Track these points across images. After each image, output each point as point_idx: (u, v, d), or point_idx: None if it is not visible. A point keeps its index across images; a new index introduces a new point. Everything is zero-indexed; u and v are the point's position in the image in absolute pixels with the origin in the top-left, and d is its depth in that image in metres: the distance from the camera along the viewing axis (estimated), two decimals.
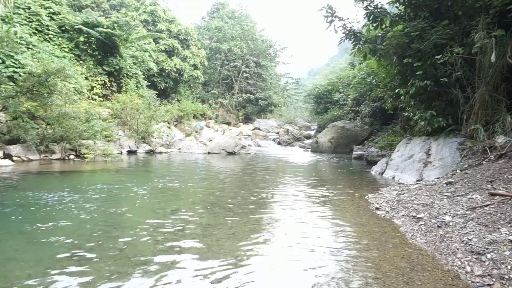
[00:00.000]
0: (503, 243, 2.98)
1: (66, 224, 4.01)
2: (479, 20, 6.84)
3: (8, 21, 12.40)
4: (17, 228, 3.82)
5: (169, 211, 4.72)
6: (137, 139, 14.06)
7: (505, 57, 6.29)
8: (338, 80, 22.08)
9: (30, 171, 8.04)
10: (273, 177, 8.48)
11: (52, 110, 10.39)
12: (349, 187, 6.90)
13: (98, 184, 6.57)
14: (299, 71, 69.82)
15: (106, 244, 3.36)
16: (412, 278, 2.68)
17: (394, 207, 4.91)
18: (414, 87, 7.67)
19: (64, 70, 9.95)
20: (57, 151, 10.36)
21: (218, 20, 34.13)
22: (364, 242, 3.57)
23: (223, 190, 6.49)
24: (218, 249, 3.32)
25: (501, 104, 6.70)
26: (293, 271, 2.89)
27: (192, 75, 26.80)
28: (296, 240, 3.70)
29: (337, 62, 64.77)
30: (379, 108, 15.25)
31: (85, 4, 24.86)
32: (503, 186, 4.35)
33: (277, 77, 39.04)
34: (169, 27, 25.72)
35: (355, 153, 13.30)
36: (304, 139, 22.85)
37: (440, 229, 3.69)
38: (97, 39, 15.89)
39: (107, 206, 4.90)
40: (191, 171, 9.51)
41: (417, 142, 8.37)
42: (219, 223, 4.22)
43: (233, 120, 31.00)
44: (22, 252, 3.13)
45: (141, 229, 3.88)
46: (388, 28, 8.71)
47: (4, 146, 9.52)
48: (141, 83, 19.25)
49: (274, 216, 4.69)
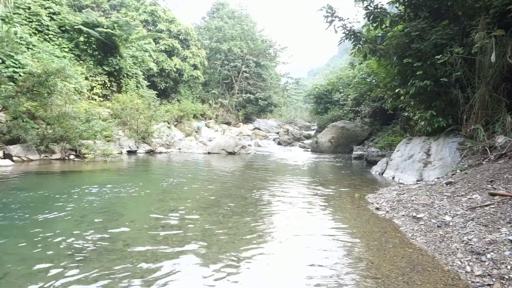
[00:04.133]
0: (503, 243, 2.98)
1: (65, 224, 4.01)
2: (479, 20, 6.83)
3: (8, 21, 12.41)
4: (17, 227, 3.82)
5: (169, 211, 4.71)
6: (137, 139, 14.06)
7: (505, 57, 6.29)
8: (338, 80, 22.09)
9: (30, 171, 8.04)
10: (273, 177, 8.47)
11: (52, 110, 10.39)
12: (349, 187, 6.90)
13: (98, 184, 6.57)
14: (299, 71, 69.86)
15: (105, 244, 3.36)
16: (412, 278, 2.68)
17: (394, 207, 4.91)
18: (414, 87, 7.67)
19: (64, 70, 9.95)
20: (57, 151, 10.37)
21: (218, 20, 34.12)
22: (364, 242, 3.57)
23: (223, 190, 6.48)
24: (218, 249, 3.32)
25: (501, 104, 6.69)
26: (293, 271, 2.89)
27: (192, 75, 26.80)
28: (296, 240, 3.70)
29: (337, 62, 64.78)
30: (379, 108, 15.25)
31: (85, 4, 24.84)
32: (503, 186, 4.34)
33: (277, 77, 39.04)
34: (169, 27, 25.72)
35: (355, 153, 13.30)
36: (304, 139, 22.83)
37: (440, 229, 3.69)
38: (97, 39, 15.90)
39: (106, 206, 4.90)
40: (191, 171, 9.51)
41: (417, 142, 8.37)
42: (219, 223, 4.22)
43: (233, 120, 30.99)
44: (22, 251, 3.13)
45: (141, 229, 3.88)
46: (388, 28, 8.71)
47: (4, 146, 9.52)
48: (141, 83, 19.26)
49: (274, 216, 4.69)
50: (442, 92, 7.72)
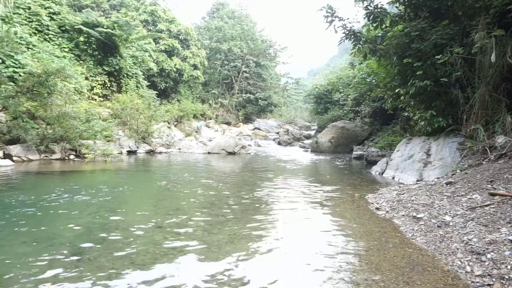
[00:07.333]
0: (503, 243, 2.98)
1: (65, 224, 4.01)
2: (479, 20, 6.83)
3: (8, 21, 12.41)
4: (17, 227, 3.82)
5: (168, 211, 4.71)
6: (137, 139, 14.05)
7: (505, 57, 6.29)
8: (338, 80, 22.06)
9: (30, 171, 8.04)
10: (273, 177, 8.47)
11: (52, 110, 10.39)
12: (349, 187, 6.90)
13: (98, 184, 6.57)
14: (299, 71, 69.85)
15: (104, 244, 3.36)
16: (412, 278, 2.68)
17: (394, 207, 4.91)
18: (414, 87, 7.67)
19: (64, 70, 9.95)
20: (57, 151, 10.36)
21: (218, 20, 34.10)
22: (364, 242, 3.57)
23: (223, 190, 6.48)
24: (218, 249, 3.32)
25: (501, 104, 6.69)
26: (293, 271, 2.89)
27: (192, 75, 26.79)
28: (296, 240, 3.70)
29: (337, 62, 64.77)
30: (379, 108, 15.24)
31: (85, 4, 24.84)
32: (503, 186, 4.34)
33: (277, 77, 39.01)
34: (169, 27, 25.72)
35: (355, 153, 13.30)
36: (304, 139, 22.81)
37: (440, 229, 3.69)
38: (97, 39, 15.89)
39: (106, 206, 4.90)
40: (191, 171, 9.51)
41: (417, 142, 8.37)
42: (219, 223, 4.22)
43: (233, 120, 30.98)
44: (21, 251, 3.13)
45: (141, 229, 3.88)
46: (388, 28, 8.71)
47: (4, 146, 9.52)
48: (141, 83, 19.25)
49: (274, 216, 4.69)
50: (442, 92, 7.72)
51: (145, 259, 3.01)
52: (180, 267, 2.89)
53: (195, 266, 2.92)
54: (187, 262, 3.00)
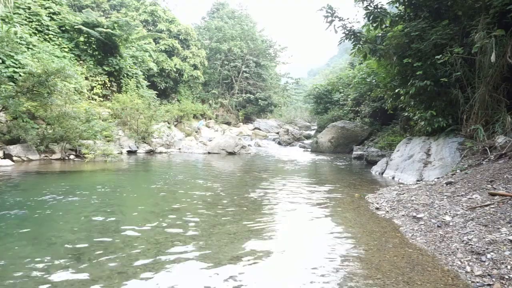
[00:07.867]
0: (503, 243, 2.98)
1: (65, 224, 4.01)
2: (479, 20, 6.83)
3: (8, 21, 12.40)
4: (16, 227, 3.82)
5: (168, 211, 4.71)
6: (137, 139, 14.06)
7: (505, 57, 6.29)
8: (338, 80, 22.06)
9: (30, 171, 8.04)
10: (273, 177, 8.47)
11: (52, 110, 10.39)
12: (349, 187, 6.90)
13: (98, 184, 6.57)
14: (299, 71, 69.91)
15: (104, 244, 3.36)
16: (412, 278, 2.68)
17: (394, 207, 4.91)
18: (414, 87, 7.67)
19: (64, 70, 9.94)
20: (57, 151, 10.36)
21: (218, 20, 34.12)
22: (364, 242, 3.57)
23: (223, 190, 6.48)
24: (218, 249, 3.32)
25: (501, 104, 6.69)
26: (293, 271, 2.89)
27: (192, 75, 26.80)
28: (296, 240, 3.70)
29: (337, 62, 64.81)
30: (379, 108, 15.24)
31: (85, 4, 24.85)
32: (503, 186, 4.34)
33: (277, 77, 39.03)
34: (169, 27, 25.72)
35: (355, 153, 13.30)
36: (304, 139, 22.82)
37: (440, 229, 3.69)
38: (97, 39, 15.89)
39: (106, 207, 4.90)
40: (191, 171, 9.51)
41: (417, 142, 8.37)
42: (219, 223, 4.22)
43: (233, 120, 30.98)
44: (21, 251, 3.13)
45: (141, 229, 3.88)
46: (388, 28, 8.71)
47: (4, 146, 9.52)
48: (141, 83, 19.25)
49: (274, 216, 4.69)
50: (442, 92, 7.72)
51: (144, 259, 3.01)
52: (180, 268, 2.89)
53: (195, 266, 2.92)
54: (187, 262, 2.99)
